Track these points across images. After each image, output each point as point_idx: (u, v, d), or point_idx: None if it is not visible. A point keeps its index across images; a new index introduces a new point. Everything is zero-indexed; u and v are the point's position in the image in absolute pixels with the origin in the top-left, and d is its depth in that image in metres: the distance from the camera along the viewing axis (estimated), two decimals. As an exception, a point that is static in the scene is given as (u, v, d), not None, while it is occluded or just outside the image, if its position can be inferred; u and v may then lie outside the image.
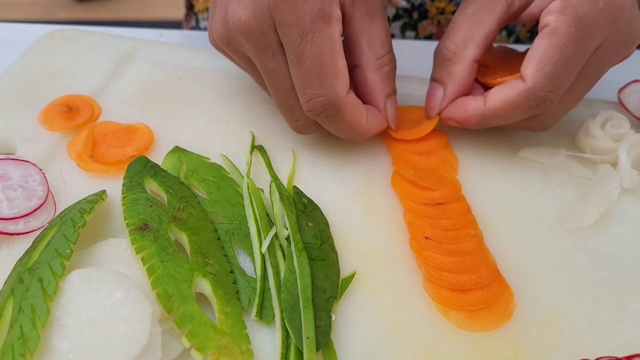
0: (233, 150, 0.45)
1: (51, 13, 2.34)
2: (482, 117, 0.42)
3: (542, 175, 0.44)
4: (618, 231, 0.40)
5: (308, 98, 0.38)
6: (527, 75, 0.39)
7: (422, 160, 0.44)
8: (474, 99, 0.42)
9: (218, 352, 0.30)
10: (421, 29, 0.69)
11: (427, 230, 0.39)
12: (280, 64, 0.39)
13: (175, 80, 0.52)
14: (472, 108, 0.42)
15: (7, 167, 0.39)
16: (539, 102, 0.39)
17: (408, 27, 0.68)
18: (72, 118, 0.46)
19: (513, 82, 0.40)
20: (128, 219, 0.35)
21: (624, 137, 0.44)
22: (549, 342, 0.34)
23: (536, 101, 0.39)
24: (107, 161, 0.42)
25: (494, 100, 0.41)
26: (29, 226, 0.37)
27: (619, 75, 0.45)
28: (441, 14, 0.67)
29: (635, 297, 0.36)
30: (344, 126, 0.41)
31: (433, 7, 0.66)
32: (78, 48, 0.54)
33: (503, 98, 0.40)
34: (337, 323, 0.34)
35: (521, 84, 0.39)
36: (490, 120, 0.42)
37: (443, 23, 0.68)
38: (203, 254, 0.34)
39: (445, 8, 0.67)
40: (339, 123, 0.40)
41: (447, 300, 0.35)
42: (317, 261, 0.35)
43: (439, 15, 0.67)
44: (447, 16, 0.67)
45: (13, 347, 0.28)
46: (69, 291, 0.30)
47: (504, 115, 0.41)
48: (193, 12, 0.80)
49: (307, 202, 0.40)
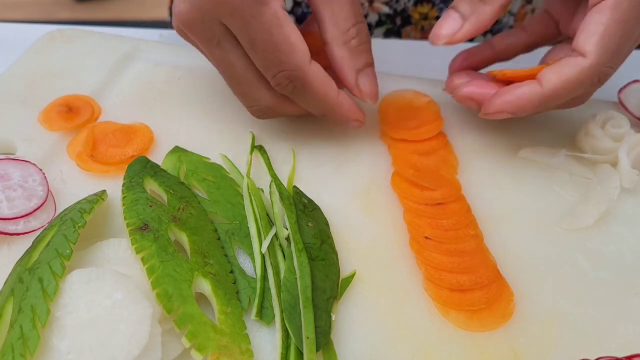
0: (233, 150, 0.45)
1: (51, 13, 2.34)
2: (542, 100, 0.39)
3: (542, 175, 0.44)
4: (618, 231, 0.40)
5: (272, 75, 0.39)
6: (588, 51, 0.38)
7: (422, 160, 0.44)
8: (524, 86, 0.40)
9: (218, 352, 0.30)
10: (404, 34, 0.68)
11: (427, 230, 0.39)
12: (226, 52, 0.39)
13: (175, 80, 0.52)
14: (528, 93, 0.40)
15: (7, 167, 0.39)
16: (600, 77, 0.39)
17: (391, 33, 0.68)
18: (72, 118, 0.46)
19: (572, 60, 0.38)
20: (128, 219, 0.35)
21: (624, 137, 0.44)
22: (549, 342, 0.34)
23: (598, 76, 0.38)
24: (107, 161, 0.42)
25: (554, 81, 0.39)
26: (29, 226, 0.37)
27: (619, 76, 0.45)
28: (424, 20, 0.67)
29: (635, 297, 0.36)
30: (313, 97, 0.40)
31: (416, 12, 0.66)
32: (78, 48, 0.54)
33: (563, 77, 0.39)
34: (337, 323, 0.34)
35: (582, 60, 0.38)
36: (551, 102, 0.40)
37: (427, 29, 0.67)
38: (203, 254, 0.34)
39: (429, 13, 0.66)
40: (307, 94, 0.40)
41: (447, 300, 0.35)
42: (317, 261, 0.35)
43: (423, 20, 0.67)
44: (430, 21, 0.66)
45: (13, 347, 0.28)
46: (69, 291, 0.30)
47: (564, 94, 0.39)
48: None
49: (307, 202, 0.40)
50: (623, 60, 0.39)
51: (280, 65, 0.38)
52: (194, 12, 0.38)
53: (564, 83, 0.39)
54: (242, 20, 0.36)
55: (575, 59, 0.38)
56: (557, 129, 0.48)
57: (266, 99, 0.41)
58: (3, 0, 2.37)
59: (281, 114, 0.43)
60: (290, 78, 0.39)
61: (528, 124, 0.48)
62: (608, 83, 0.44)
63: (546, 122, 0.48)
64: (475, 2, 0.41)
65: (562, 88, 0.39)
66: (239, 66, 0.40)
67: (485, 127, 0.48)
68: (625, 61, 0.42)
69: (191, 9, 0.38)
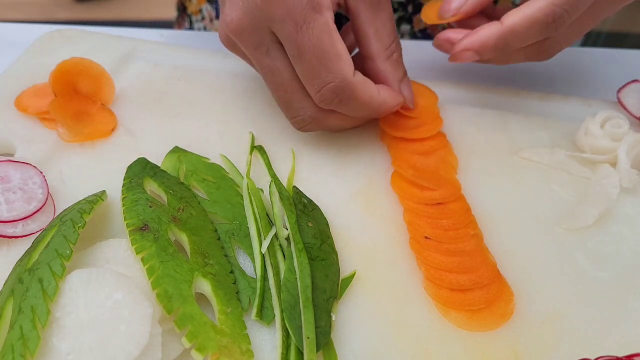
0: (233, 151, 0.45)
1: (51, 13, 2.34)
2: (500, 38, 0.42)
3: (542, 175, 0.44)
4: (617, 231, 0.40)
5: (317, 88, 0.39)
6: None
7: (421, 160, 0.44)
8: (487, 25, 0.43)
9: (218, 352, 0.30)
10: (416, 21, 0.69)
11: (427, 230, 0.39)
12: (274, 60, 0.39)
13: (175, 80, 0.52)
14: (488, 32, 0.43)
15: (7, 170, 0.39)
16: (555, 18, 0.40)
17: (403, 20, 0.69)
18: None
19: (532, 1, 0.41)
20: (128, 219, 0.35)
21: (624, 136, 0.44)
22: (549, 342, 0.34)
23: (553, 16, 0.40)
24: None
25: (513, 18, 0.42)
26: (28, 229, 0.37)
27: (619, 75, 0.45)
28: None
29: (635, 297, 0.36)
30: (359, 105, 0.41)
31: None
32: (78, 48, 0.54)
33: (521, 14, 0.41)
34: (337, 323, 0.34)
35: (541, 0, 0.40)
36: (509, 40, 0.42)
37: None
38: (203, 254, 0.34)
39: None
40: (354, 103, 0.40)
41: (447, 300, 0.35)
42: (317, 261, 0.35)
43: None
44: None
45: (13, 348, 0.28)
46: (69, 292, 0.30)
47: (522, 32, 0.42)
48: (186, 14, 0.80)
49: (307, 202, 0.40)
50: (581, 9, 0.41)
51: (326, 74, 0.38)
52: (247, 18, 0.38)
53: (522, 20, 0.41)
54: (294, 25, 0.37)
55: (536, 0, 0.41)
56: (557, 129, 0.48)
57: (311, 108, 0.41)
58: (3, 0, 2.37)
59: (324, 127, 0.44)
60: (337, 91, 0.39)
61: (528, 124, 0.48)
62: (608, 83, 0.45)
63: (546, 122, 0.48)
64: None
65: (520, 25, 0.41)
66: (285, 74, 0.40)
67: (485, 127, 0.48)
68: (625, 61, 0.42)
69: (243, 16, 0.38)
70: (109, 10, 2.36)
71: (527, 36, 0.42)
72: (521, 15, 0.41)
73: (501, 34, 0.42)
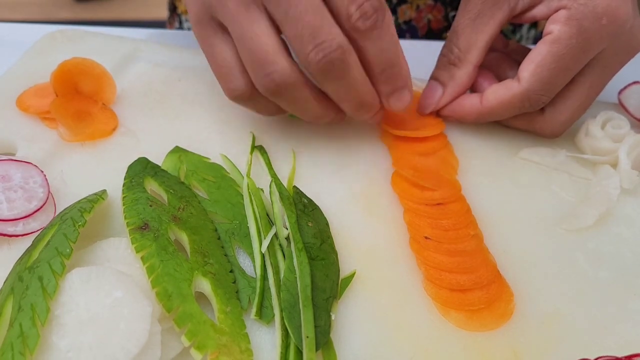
0: (233, 150, 0.45)
1: (51, 13, 2.34)
2: (480, 114, 0.45)
3: (542, 175, 0.44)
4: (618, 231, 0.40)
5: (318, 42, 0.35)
6: (523, 77, 0.42)
7: (422, 161, 0.44)
8: (470, 97, 0.46)
9: (217, 351, 0.30)
10: (400, 13, 0.69)
11: (427, 230, 0.39)
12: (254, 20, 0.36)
13: (176, 80, 0.52)
14: (469, 106, 0.45)
15: (8, 168, 0.39)
16: (531, 103, 0.43)
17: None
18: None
19: (509, 83, 0.43)
20: (128, 218, 0.35)
21: (624, 137, 0.44)
22: (549, 342, 0.34)
23: (529, 102, 0.42)
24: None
25: (490, 100, 0.44)
26: (28, 228, 0.37)
27: (619, 77, 0.45)
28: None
29: (635, 297, 0.36)
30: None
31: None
32: (79, 49, 0.54)
33: (499, 98, 0.43)
34: (337, 323, 0.34)
35: (517, 86, 0.42)
36: (487, 117, 0.45)
37: (422, 7, 0.69)
38: (203, 254, 0.34)
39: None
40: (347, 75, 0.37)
41: (447, 300, 0.35)
42: (317, 261, 0.35)
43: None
44: (425, 0, 0.68)
45: (13, 346, 0.28)
46: (68, 290, 0.30)
47: (499, 112, 0.44)
48: (176, 14, 0.80)
49: (307, 202, 0.40)
50: (557, 89, 0.42)
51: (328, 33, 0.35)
52: None
53: (499, 103, 0.44)
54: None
55: (512, 83, 0.43)
56: (557, 129, 0.48)
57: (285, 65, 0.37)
58: (3, 0, 2.38)
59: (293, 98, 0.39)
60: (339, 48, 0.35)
61: (528, 124, 0.48)
62: (609, 84, 0.45)
63: (546, 123, 0.48)
64: (450, 68, 0.45)
65: (497, 107, 0.44)
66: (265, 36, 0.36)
67: (486, 128, 0.48)
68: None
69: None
70: (109, 10, 2.37)
71: (506, 115, 0.45)
72: (499, 100, 0.43)
73: (480, 113, 0.45)
